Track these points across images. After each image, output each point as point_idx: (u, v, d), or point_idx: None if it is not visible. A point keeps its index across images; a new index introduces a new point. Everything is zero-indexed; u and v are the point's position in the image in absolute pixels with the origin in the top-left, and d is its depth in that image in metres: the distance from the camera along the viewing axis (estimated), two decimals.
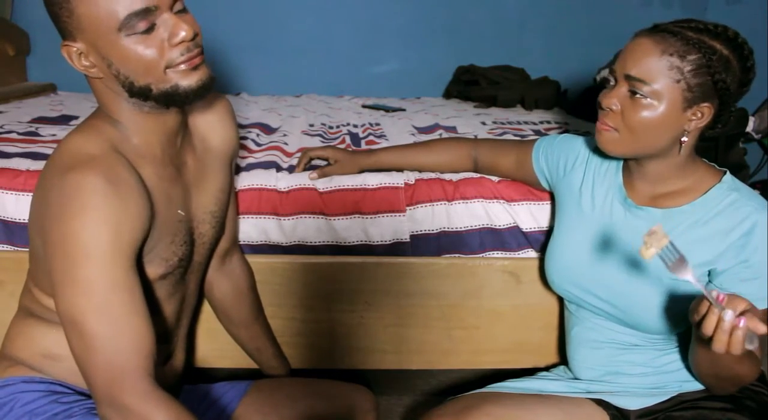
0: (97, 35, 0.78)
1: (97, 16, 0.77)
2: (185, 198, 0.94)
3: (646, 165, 1.00)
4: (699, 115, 0.92)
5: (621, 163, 1.07)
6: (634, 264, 1.00)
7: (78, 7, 0.77)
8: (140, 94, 0.83)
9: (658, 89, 0.90)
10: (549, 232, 1.18)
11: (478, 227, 1.27)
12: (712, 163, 1.03)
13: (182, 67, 0.81)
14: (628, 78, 0.93)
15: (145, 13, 0.77)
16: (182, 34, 0.79)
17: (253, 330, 1.20)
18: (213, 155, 1.01)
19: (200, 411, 1.04)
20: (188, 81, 0.82)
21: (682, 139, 0.94)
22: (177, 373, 1.02)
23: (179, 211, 0.91)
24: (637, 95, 0.92)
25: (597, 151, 1.11)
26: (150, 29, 0.78)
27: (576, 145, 1.14)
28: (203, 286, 1.14)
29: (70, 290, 0.76)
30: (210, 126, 1.02)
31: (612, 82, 0.97)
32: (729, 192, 0.96)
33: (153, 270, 0.89)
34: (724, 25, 0.93)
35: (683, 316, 0.98)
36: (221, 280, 1.15)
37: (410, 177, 1.28)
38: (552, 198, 1.22)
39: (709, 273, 0.97)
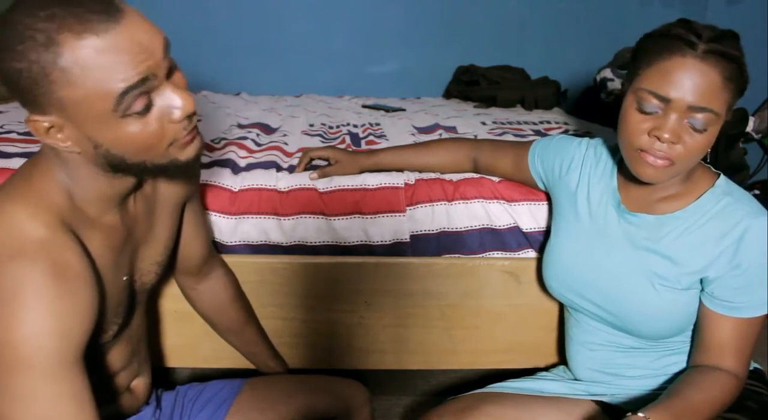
0: (84, 118, 0.67)
1: (85, 99, 0.65)
2: (131, 260, 0.86)
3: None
4: (724, 119, 0.91)
5: (616, 166, 1.06)
6: (630, 271, 1.00)
7: (60, 90, 0.64)
8: (127, 169, 0.73)
9: (719, 114, 0.87)
10: (548, 233, 1.18)
11: (478, 227, 1.27)
12: (708, 165, 1.02)
13: (185, 140, 0.74)
14: (694, 110, 0.86)
15: (142, 83, 0.66)
16: (184, 109, 0.71)
17: (245, 336, 1.19)
18: (167, 202, 0.93)
19: (195, 410, 1.04)
20: (187, 153, 0.75)
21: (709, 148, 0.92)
22: (147, 386, 1.01)
23: (123, 278, 0.84)
24: (702, 129, 0.87)
25: (592, 153, 1.10)
26: (148, 108, 0.69)
27: (571, 147, 1.13)
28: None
29: (6, 402, 0.65)
30: (174, 180, 0.93)
31: (657, 112, 0.88)
32: (722, 196, 0.95)
33: (98, 338, 0.81)
34: (731, 30, 0.90)
35: (677, 323, 0.99)
36: (202, 297, 1.15)
37: (410, 177, 1.28)
38: (549, 199, 1.21)
39: (701, 281, 0.97)
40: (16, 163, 1.26)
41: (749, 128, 2.13)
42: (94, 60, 0.64)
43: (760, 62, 2.55)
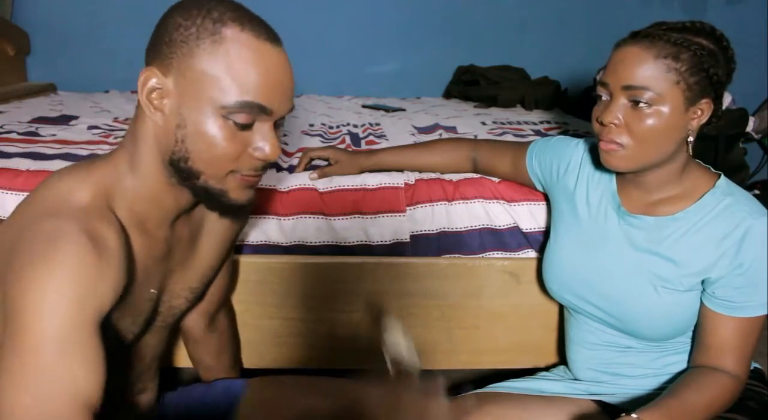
0: (195, 93, 0.69)
1: (210, 79, 0.68)
2: (164, 276, 0.85)
3: (645, 174, 0.98)
4: (699, 112, 0.92)
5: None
6: (631, 273, 1.00)
7: (196, 58, 0.68)
8: (182, 172, 0.73)
9: (661, 94, 0.89)
10: (548, 233, 1.18)
11: (478, 227, 1.27)
12: (708, 166, 1.02)
13: (245, 180, 0.74)
14: (627, 88, 0.90)
15: (258, 110, 0.70)
16: (271, 153, 0.72)
17: (223, 371, 1.17)
18: (213, 233, 0.92)
19: (197, 411, 1.04)
20: (238, 196, 0.75)
21: (689, 140, 0.93)
22: (150, 401, 1.00)
23: (152, 290, 0.82)
24: (640, 104, 0.89)
25: (590, 154, 1.10)
26: (246, 127, 0.70)
27: (569, 148, 1.13)
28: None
29: (17, 360, 0.62)
30: (224, 213, 0.90)
31: (605, 97, 0.93)
32: (723, 197, 0.95)
33: (107, 347, 0.78)
34: (700, 21, 0.93)
35: (678, 324, 0.99)
36: (207, 340, 1.12)
37: (410, 177, 1.28)
38: (548, 200, 1.21)
39: (703, 282, 0.96)
40: (16, 163, 1.26)
41: (749, 128, 2.13)
42: (245, 58, 0.68)
43: (760, 62, 2.55)
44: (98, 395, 0.65)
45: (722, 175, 0.99)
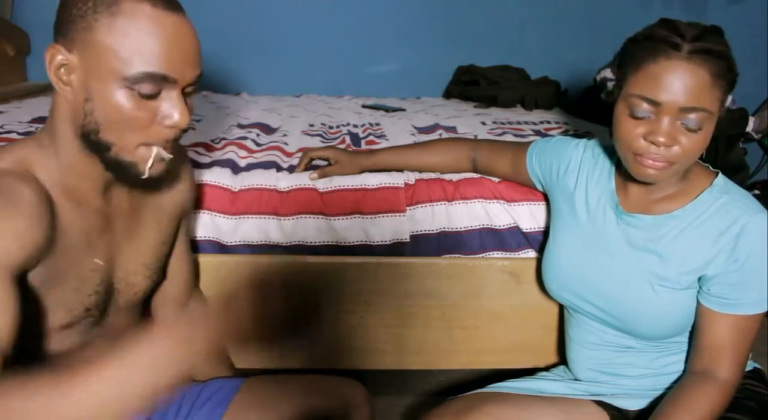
0: (98, 66, 0.70)
1: (111, 51, 0.69)
2: (110, 247, 0.85)
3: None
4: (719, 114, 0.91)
5: (613, 167, 1.06)
6: (630, 272, 1.00)
7: (96, 31, 0.70)
8: (93, 144, 0.74)
9: (713, 113, 0.87)
10: (548, 234, 1.18)
11: (478, 227, 1.27)
12: (706, 164, 1.03)
13: (154, 151, 0.75)
14: (687, 110, 0.85)
15: (162, 79, 0.71)
16: (179, 120, 0.73)
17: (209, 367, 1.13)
18: (159, 209, 0.93)
19: (193, 409, 1.03)
20: (147, 169, 0.76)
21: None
22: None
23: (96, 260, 0.82)
24: (697, 129, 0.87)
25: (590, 154, 1.10)
26: (152, 96, 0.72)
27: (569, 148, 1.13)
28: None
29: None
30: (164, 186, 0.93)
31: (648, 116, 0.88)
32: (720, 195, 0.95)
33: (55, 319, 0.80)
34: (713, 25, 0.91)
35: (677, 323, 0.99)
36: None
37: (410, 177, 1.28)
38: (548, 200, 1.21)
39: (699, 279, 0.96)
40: None
41: (749, 128, 2.13)
42: (143, 28, 0.70)
43: (760, 62, 2.55)
44: (8, 339, 0.66)
45: (720, 174, 0.99)
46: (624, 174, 1.01)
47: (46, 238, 0.73)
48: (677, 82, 0.85)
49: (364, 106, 2.26)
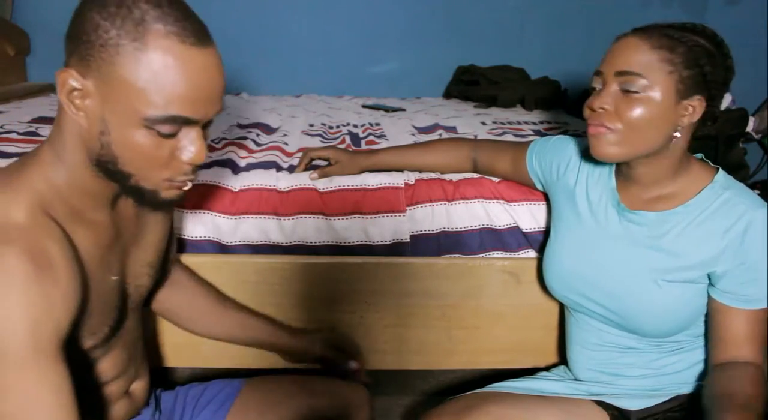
0: (117, 101, 0.66)
1: (132, 89, 0.65)
2: (122, 260, 0.84)
3: (638, 168, 0.99)
4: (690, 109, 0.92)
5: (613, 166, 1.06)
6: (631, 269, 1.00)
7: (118, 65, 0.64)
8: (111, 173, 0.71)
9: (653, 82, 0.90)
10: (548, 233, 1.18)
11: (478, 227, 1.27)
12: (706, 160, 1.03)
13: (177, 183, 0.73)
14: (620, 74, 0.92)
15: (182, 121, 0.68)
16: (196, 156, 0.71)
17: (229, 317, 1.11)
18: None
19: (196, 411, 1.04)
20: (170, 194, 0.74)
21: (675, 134, 0.94)
22: (145, 389, 0.98)
23: (112, 277, 0.81)
24: (632, 91, 0.91)
25: (589, 153, 1.10)
26: (171, 136, 0.69)
27: (569, 147, 1.13)
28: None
29: None
30: (155, 209, 0.91)
31: (599, 87, 0.95)
32: (722, 191, 0.96)
33: (84, 345, 0.78)
34: (702, 24, 0.94)
35: (681, 320, 0.99)
36: (171, 295, 1.09)
37: (410, 177, 1.28)
38: (548, 200, 1.21)
39: (710, 277, 0.96)
40: None
41: (749, 128, 2.13)
42: (169, 67, 0.65)
43: (760, 62, 2.55)
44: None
45: (720, 169, 1.00)
46: (623, 173, 1.01)
47: (81, 288, 0.71)
48: (616, 51, 0.94)
49: (364, 106, 2.26)
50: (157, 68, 0.64)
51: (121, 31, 0.64)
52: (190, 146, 0.71)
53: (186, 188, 0.75)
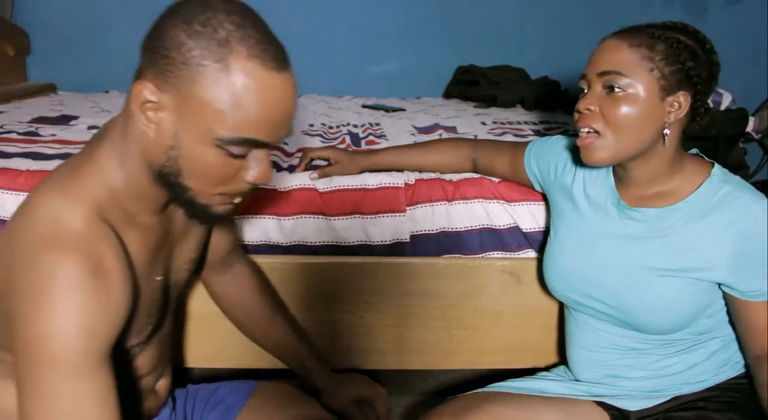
0: (193, 120, 0.66)
1: (214, 108, 0.65)
2: (167, 259, 0.84)
3: (632, 169, 0.99)
4: (676, 105, 0.93)
5: (611, 165, 1.06)
6: (635, 265, 1.00)
7: (198, 85, 0.64)
8: (170, 184, 0.72)
9: (634, 80, 0.91)
10: (548, 233, 1.18)
11: (478, 227, 1.27)
12: (701, 155, 1.03)
13: (232, 199, 0.74)
14: (602, 75, 0.93)
15: (255, 144, 0.68)
16: (260, 177, 0.72)
17: (274, 330, 1.11)
18: None
19: (205, 411, 1.03)
20: (221, 209, 0.75)
21: (665, 132, 0.94)
22: (167, 387, 0.99)
23: (157, 278, 0.82)
24: (615, 90, 0.92)
25: None
26: (240, 157, 0.69)
27: (566, 147, 1.14)
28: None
29: (30, 400, 0.64)
30: (203, 222, 0.92)
31: (585, 90, 0.96)
32: (720, 185, 0.96)
33: (128, 343, 0.80)
34: (682, 22, 0.96)
35: (683, 316, 0.99)
36: (227, 290, 1.11)
37: (410, 177, 1.28)
38: (547, 200, 1.21)
39: (717, 274, 0.96)
40: (17, 163, 1.26)
41: (749, 128, 2.13)
42: (250, 91, 0.65)
43: (760, 62, 2.55)
44: None
45: (716, 164, 1.00)
46: (620, 171, 1.01)
47: (132, 293, 0.72)
48: (598, 53, 0.96)
49: (364, 106, 2.26)
50: (238, 91, 0.65)
51: (205, 52, 0.64)
52: (256, 167, 0.71)
53: (237, 201, 0.76)
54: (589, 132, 0.95)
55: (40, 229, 0.66)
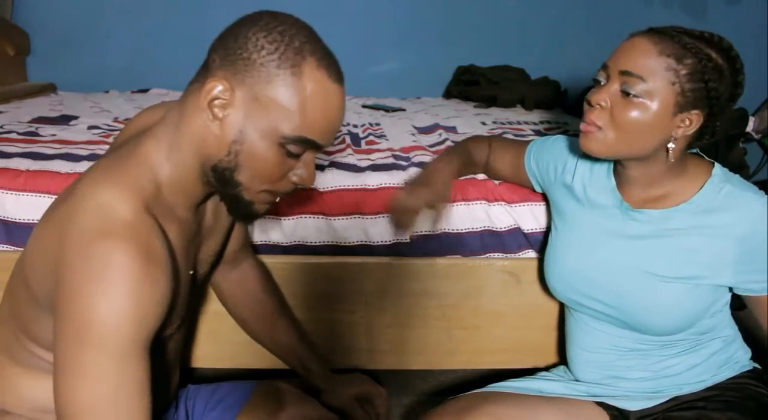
0: (263, 118, 0.71)
1: (285, 108, 0.71)
2: (196, 253, 0.88)
3: (631, 169, 0.99)
4: (687, 122, 0.91)
5: (611, 165, 1.06)
6: (637, 267, 1.00)
7: (272, 86, 0.71)
8: (222, 179, 0.75)
9: (653, 88, 0.89)
10: (548, 234, 1.18)
11: (479, 230, 1.26)
12: (701, 154, 1.03)
13: (275, 197, 0.79)
14: (623, 74, 0.90)
15: (312, 145, 0.75)
16: (307, 180, 0.78)
17: (277, 330, 1.11)
18: None
19: (205, 411, 1.04)
20: (260, 208, 0.80)
21: (669, 146, 0.93)
22: (177, 383, 1.00)
23: (190, 272, 0.85)
24: (630, 94, 0.90)
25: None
26: (295, 156, 0.75)
27: (566, 148, 1.13)
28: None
29: (74, 379, 0.66)
30: (238, 219, 0.97)
31: (603, 82, 0.94)
32: (722, 184, 0.96)
33: (158, 334, 0.81)
34: (720, 35, 0.92)
35: (686, 317, 0.99)
36: (233, 286, 1.12)
37: (411, 177, 1.28)
38: (548, 200, 1.21)
39: (726, 274, 0.96)
40: (17, 163, 1.26)
41: (749, 128, 2.13)
42: (318, 97, 0.72)
43: (760, 62, 2.55)
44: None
45: (716, 163, 1.00)
46: (621, 173, 1.01)
47: (176, 286, 0.75)
48: (626, 49, 0.92)
49: (364, 106, 2.26)
50: (308, 95, 0.72)
51: (283, 57, 0.71)
52: (304, 168, 0.77)
53: (276, 201, 0.81)
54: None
55: (92, 218, 0.68)
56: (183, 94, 0.77)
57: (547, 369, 1.20)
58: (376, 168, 1.34)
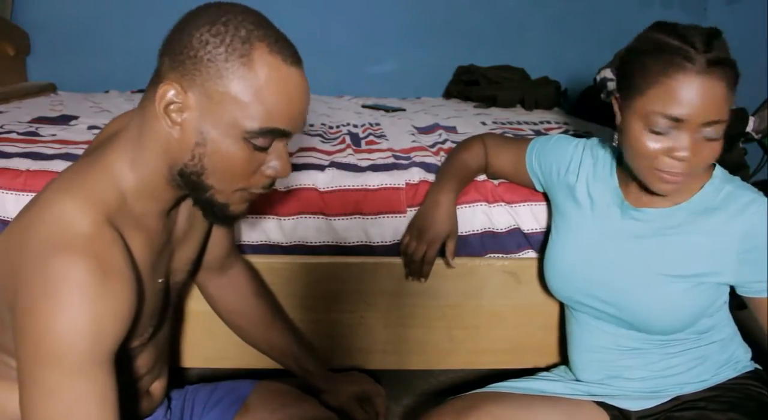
0: (220, 115, 0.69)
1: (241, 102, 0.68)
2: (168, 262, 0.85)
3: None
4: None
5: (614, 165, 1.06)
6: (637, 265, 1.00)
7: (224, 81, 0.68)
8: (191, 184, 0.73)
9: (726, 121, 0.88)
10: (548, 234, 1.18)
11: (479, 231, 1.26)
12: None
13: (252, 195, 0.76)
14: (708, 124, 0.86)
15: (280, 134, 0.72)
16: (281, 171, 0.75)
17: (273, 335, 1.11)
18: None
19: (204, 411, 1.03)
20: (237, 209, 0.77)
21: None
22: (163, 388, 0.99)
23: (159, 280, 0.83)
24: (714, 139, 0.88)
25: (589, 153, 1.10)
26: (263, 150, 0.72)
27: (569, 149, 1.13)
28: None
29: (33, 395, 0.65)
30: (216, 222, 0.91)
31: (667, 132, 0.87)
32: (723, 185, 0.97)
33: (130, 345, 0.80)
34: (714, 27, 0.90)
35: (686, 316, 0.99)
36: (224, 293, 1.11)
37: (413, 177, 1.28)
38: (548, 200, 1.21)
39: (727, 276, 0.96)
40: (17, 163, 1.26)
41: (749, 128, 2.13)
42: (273, 83, 0.69)
43: (760, 62, 2.55)
44: None
45: (717, 165, 1.00)
46: (625, 172, 1.01)
47: (137, 299, 0.72)
48: (697, 98, 0.85)
49: (364, 106, 2.26)
50: (263, 84, 0.68)
51: (230, 48, 0.68)
52: (277, 160, 0.74)
53: (253, 198, 0.78)
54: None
55: (50, 230, 0.67)
56: (141, 100, 0.74)
57: (547, 369, 1.20)
58: (376, 168, 1.34)
